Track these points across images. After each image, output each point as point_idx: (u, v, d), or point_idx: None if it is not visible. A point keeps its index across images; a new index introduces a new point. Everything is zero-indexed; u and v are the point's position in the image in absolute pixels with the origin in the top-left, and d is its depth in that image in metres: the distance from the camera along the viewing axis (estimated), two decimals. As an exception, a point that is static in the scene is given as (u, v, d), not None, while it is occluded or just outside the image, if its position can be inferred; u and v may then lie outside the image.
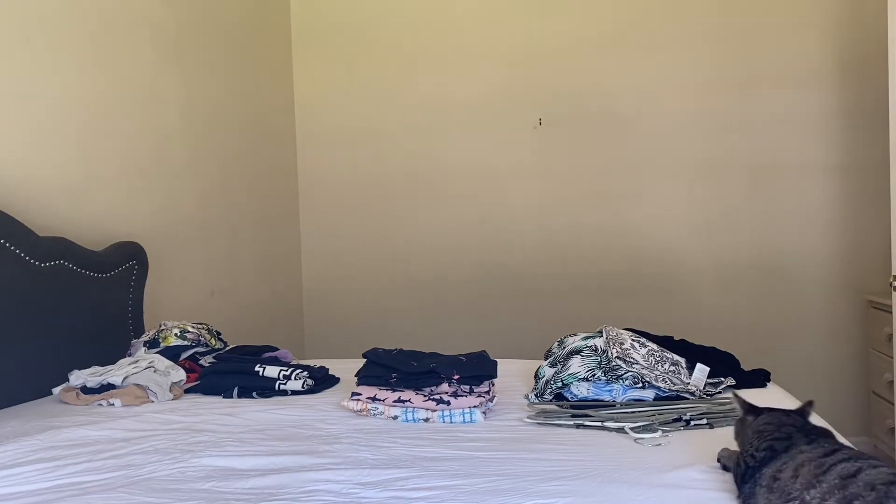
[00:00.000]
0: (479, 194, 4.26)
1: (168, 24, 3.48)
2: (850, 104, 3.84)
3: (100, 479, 1.74)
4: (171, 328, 2.87)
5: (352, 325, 4.39)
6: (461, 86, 4.25)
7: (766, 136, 3.92)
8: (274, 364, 2.60)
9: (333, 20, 4.43)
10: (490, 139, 4.24)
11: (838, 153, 3.87)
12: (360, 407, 2.25)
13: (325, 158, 4.46)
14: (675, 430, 1.99)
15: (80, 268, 2.79)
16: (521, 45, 4.18)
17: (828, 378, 3.91)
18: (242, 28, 4.07)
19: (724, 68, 3.96)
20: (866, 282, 3.82)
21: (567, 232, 4.16)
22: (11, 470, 1.82)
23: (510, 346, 3.66)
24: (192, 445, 1.97)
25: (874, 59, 3.63)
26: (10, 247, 2.51)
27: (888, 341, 3.27)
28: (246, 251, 4.03)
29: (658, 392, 2.25)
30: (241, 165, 4.02)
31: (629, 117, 4.06)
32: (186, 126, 3.59)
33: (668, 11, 4.01)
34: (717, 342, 2.82)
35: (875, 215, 3.72)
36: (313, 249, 4.51)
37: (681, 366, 2.38)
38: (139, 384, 2.46)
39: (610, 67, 4.08)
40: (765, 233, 3.96)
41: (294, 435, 2.05)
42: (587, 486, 1.61)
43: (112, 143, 3.14)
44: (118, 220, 3.15)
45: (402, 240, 4.37)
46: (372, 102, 4.37)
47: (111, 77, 3.14)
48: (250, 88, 4.10)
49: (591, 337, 2.40)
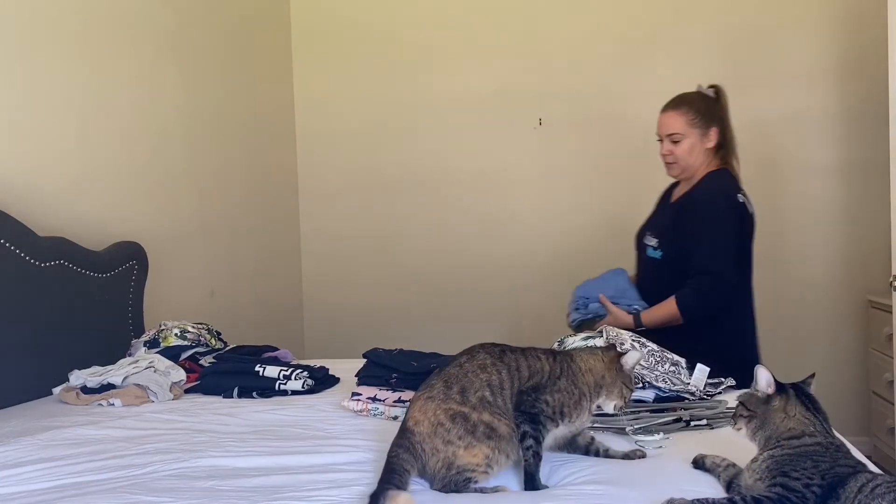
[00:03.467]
0: (479, 194, 4.26)
1: (168, 23, 3.48)
2: (850, 104, 3.84)
3: (100, 479, 1.74)
4: (171, 328, 2.87)
5: (352, 325, 4.38)
6: (461, 85, 4.25)
7: (767, 136, 3.91)
8: (274, 364, 2.60)
9: (333, 20, 4.43)
10: (490, 139, 4.23)
11: (838, 153, 3.87)
12: (360, 407, 2.25)
13: (325, 157, 4.46)
14: (675, 430, 1.99)
15: (80, 268, 2.79)
16: (521, 45, 4.18)
17: (828, 378, 3.90)
18: (242, 28, 4.07)
19: (724, 68, 3.95)
20: (866, 282, 3.82)
21: (567, 231, 4.15)
22: (11, 470, 1.82)
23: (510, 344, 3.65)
24: (192, 445, 1.97)
25: (874, 59, 3.63)
26: (10, 247, 2.51)
27: (888, 341, 3.27)
28: (246, 251, 4.03)
29: (658, 392, 2.24)
30: (241, 165, 4.02)
31: (629, 117, 4.06)
32: (186, 126, 3.59)
33: (669, 12, 4.01)
34: (717, 342, 2.81)
35: (875, 215, 3.71)
36: (313, 249, 4.51)
37: (681, 366, 2.37)
38: (139, 384, 2.46)
39: (610, 67, 4.08)
40: (765, 233, 3.93)
41: (294, 435, 2.05)
42: (589, 488, 1.61)
43: (112, 142, 3.14)
44: (118, 220, 3.14)
45: (402, 239, 4.37)
46: (372, 102, 4.37)
47: (111, 77, 3.14)
48: (250, 88, 4.10)
49: (591, 337, 2.40)
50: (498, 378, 1.65)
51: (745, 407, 1.63)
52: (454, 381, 1.63)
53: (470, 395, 1.61)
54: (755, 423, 1.60)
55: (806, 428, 1.54)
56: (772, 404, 1.58)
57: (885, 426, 3.45)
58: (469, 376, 1.63)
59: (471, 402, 1.60)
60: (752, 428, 1.60)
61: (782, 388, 1.61)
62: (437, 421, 1.58)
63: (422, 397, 1.64)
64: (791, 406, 1.57)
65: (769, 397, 1.59)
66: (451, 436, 1.57)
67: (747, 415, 1.61)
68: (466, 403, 1.60)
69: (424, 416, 1.60)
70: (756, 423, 1.60)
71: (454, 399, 1.60)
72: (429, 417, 1.59)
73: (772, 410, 1.58)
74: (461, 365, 1.67)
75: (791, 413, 1.56)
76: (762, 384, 1.61)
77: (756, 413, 1.60)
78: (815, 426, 1.55)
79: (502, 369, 1.66)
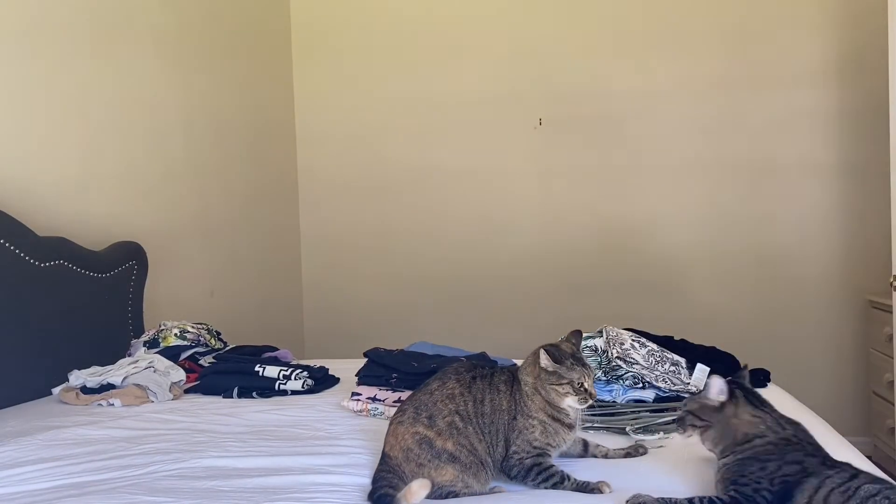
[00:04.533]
0: (479, 194, 4.26)
1: (168, 24, 3.48)
2: (850, 104, 3.84)
3: (100, 480, 1.74)
4: (171, 328, 2.87)
5: (352, 325, 4.38)
6: (461, 86, 4.25)
7: (767, 136, 3.92)
8: (274, 364, 2.60)
9: (333, 20, 4.43)
10: (490, 139, 4.23)
11: (838, 153, 3.87)
12: (360, 407, 2.25)
13: (325, 158, 4.46)
14: (675, 430, 1.99)
15: (80, 268, 2.78)
16: (521, 45, 4.18)
17: (828, 378, 3.91)
18: (242, 28, 4.07)
19: (724, 68, 3.96)
20: (866, 282, 3.82)
21: (567, 232, 4.16)
22: (11, 470, 1.82)
23: (510, 345, 3.65)
24: (192, 445, 1.96)
25: (874, 59, 3.63)
26: (10, 247, 2.51)
27: (888, 341, 3.27)
28: (246, 251, 4.03)
29: (658, 392, 2.25)
30: (241, 165, 4.02)
31: (630, 117, 4.06)
32: (186, 126, 3.59)
33: (669, 12, 4.01)
34: (717, 342, 2.82)
35: (875, 215, 3.72)
36: (313, 249, 4.51)
37: (681, 366, 2.37)
38: (139, 384, 2.46)
39: (610, 67, 4.08)
40: (765, 233, 3.96)
41: (294, 435, 2.05)
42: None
43: (112, 143, 3.14)
44: (118, 220, 3.14)
45: (402, 240, 4.37)
46: (372, 102, 4.37)
47: (111, 77, 3.14)
48: (250, 88, 4.10)
49: (591, 337, 2.40)
50: (465, 409, 1.64)
51: (696, 417, 1.62)
52: (423, 408, 1.65)
53: (438, 421, 1.62)
54: (712, 433, 1.60)
55: (756, 429, 1.55)
56: (725, 412, 1.59)
57: (885, 426, 3.44)
58: (438, 405, 1.64)
59: (438, 426, 1.61)
60: (711, 438, 1.60)
61: (732, 392, 1.60)
62: (406, 446, 1.61)
63: (395, 422, 1.67)
64: (741, 409, 1.58)
65: (722, 405, 1.59)
66: (422, 459, 1.60)
67: (701, 425, 1.61)
68: (433, 428, 1.61)
69: (396, 441, 1.63)
70: (713, 434, 1.60)
71: (422, 423, 1.62)
72: (399, 443, 1.63)
73: (726, 418, 1.58)
74: (431, 392, 1.67)
75: (742, 417, 1.57)
76: (714, 393, 1.61)
77: (711, 422, 1.60)
78: (765, 423, 1.55)
79: (469, 401, 1.65)
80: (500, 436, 1.64)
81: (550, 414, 1.65)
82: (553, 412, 1.66)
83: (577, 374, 1.65)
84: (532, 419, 1.65)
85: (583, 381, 1.65)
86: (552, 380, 1.65)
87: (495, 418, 1.65)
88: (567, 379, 1.64)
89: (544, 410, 1.65)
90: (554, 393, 1.65)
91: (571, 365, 1.66)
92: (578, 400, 1.65)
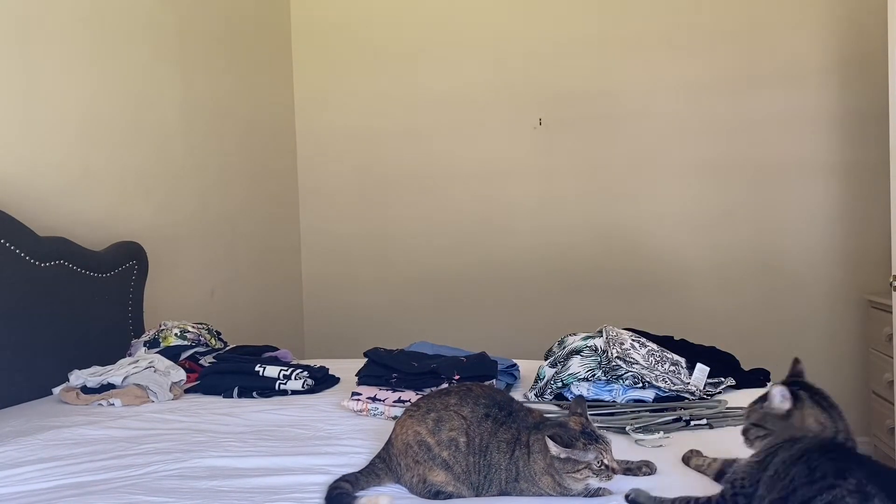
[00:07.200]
0: (479, 194, 4.26)
1: (168, 23, 3.48)
2: (850, 104, 3.83)
3: (100, 479, 1.74)
4: (171, 328, 2.87)
5: (352, 325, 4.39)
6: (461, 86, 4.25)
7: (766, 136, 3.91)
8: (274, 364, 2.60)
9: (333, 20, 4.43)
10: (490, 139, 4.24)
11: (838, 153, 3.87)
12: (360, 407, 2.25)
13: (325, 158, 4.46)
14: (675, 430, 1.99)
15: (80, 268, 2.79)
16: (521, 45, 4.18)
17: (828, 378, 3.88)
18: (242, 28, 4.07)
19: (724, 68, 3.95)
20: (866, 282, 3.82)
21: (567, 232, 4.15)
22: (11, 470, 1.82)
23: (510, 345, 3.66)
24: (192, 445, 1.97)
25: (874, 59, 3.63)
26: (10, 247, 2.52)
27: (888, 341, 3.27)
28: (246, 251, 4.03)
29: (658, 392, 2.25)
30: (241, 165, 4.02)
31: (630, 117, 4.06)
32: (186, 126, 3.59)
33: (669, 11, 4.01)
34: (717, 342, 2.82)
35: (875, 215, 3.72)
36: (313, 249, 4.52)
37: (681, 366, 2.37)
38: (139, 384, 2.46)
39: (610, 67, 4.08)
40: (765, 232, 3.96)
41: (294, 435, 2.05)
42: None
43: (112, 142, 3.14)
44: (118, 220, 3.15)
45: (402, 239, 4.37)
46: (372, 102, 4.37)
47: (111, 77, 3.14)
48: (250, 88, 4.10)
49: (591, 337, 2.40)
50: (466, 441, 1.59)
51: (760, 427, 1.51)
52: (434, 411, 1.64)
53: (443, 431, 1.61)
54: (770, 439, 1.48)
55: (823, 430, 1.44)
56: (791, 420, 1.48)
57: (885, 426, 3.44)
58: (449, 416, 1.62)
59: (440, 437, 1.61)
60: (768, 444, 1.48)
61: (796, 396, 1.50)
62: (407, 442, 1.63)
63: (406, 413, 1.69)
64: (807, 413, 1.48)
65: (788, 412, 1.49)
66: (419, 457, 1.61)
67: (764, 434, 1.50)
68: (435, 435, 1.61)
69: (402, 431, 1.65)
70: (771, 439, 1.48)
71: (427, 426, 1.63)
72: (402, 435, 1.64)
73: (792, 426, 1.47)
74: (447, 406, 1.64)
75: (808, 422, 1.47)
76: (777, 401, 1.50)
77: (773, 431, 1.49)
78: (830, 428, 1.45)
79: (475, 437, 1.59)
80: (493, 488, 1.58)
81: (560, 492, 1.53)
82: (564, 491, 1.52)
83: (593, 454, 1.48)
84: (537, 487, 1.54)
85: (601, 458, 1.48)
86: (567, 468, 1.48)
87: (490, 472, 1.58)
88: (584, 463, 1.48)
89: (554, 489, 1.53)
90: (572, 481, 1.49)
91: (585, 445, 1.48)
92: (600, 479, 1.49)
